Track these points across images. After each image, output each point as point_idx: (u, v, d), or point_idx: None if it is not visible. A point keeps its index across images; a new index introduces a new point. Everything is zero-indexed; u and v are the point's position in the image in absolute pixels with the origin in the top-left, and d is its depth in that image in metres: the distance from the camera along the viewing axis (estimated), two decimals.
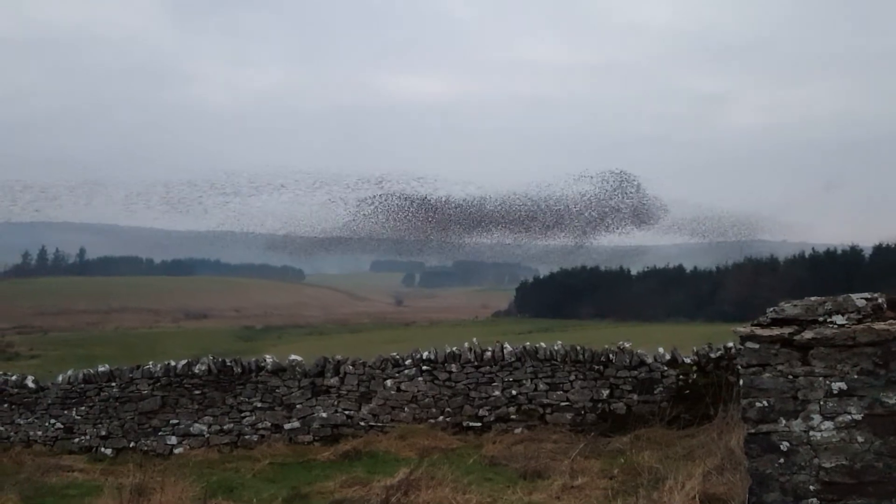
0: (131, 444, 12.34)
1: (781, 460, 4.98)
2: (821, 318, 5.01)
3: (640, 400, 11.68)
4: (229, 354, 14.31)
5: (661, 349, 12.14)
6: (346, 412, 12.26)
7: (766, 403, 5.03)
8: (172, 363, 12.62)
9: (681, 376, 11.67)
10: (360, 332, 76.77)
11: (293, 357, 12.74)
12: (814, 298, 5.13)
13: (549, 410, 11.91)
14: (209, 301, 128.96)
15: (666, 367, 11.77)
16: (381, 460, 10.65)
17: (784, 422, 4.99)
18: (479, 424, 11.96)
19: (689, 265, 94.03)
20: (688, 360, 11.83)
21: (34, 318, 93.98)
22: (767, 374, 5.04)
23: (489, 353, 12.18)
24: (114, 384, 12.54)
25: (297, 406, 12.27)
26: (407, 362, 12.35)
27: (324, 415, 12.24)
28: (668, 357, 11.92)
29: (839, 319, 4.96)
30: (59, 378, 12.94)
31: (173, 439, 12.29)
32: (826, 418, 4.90)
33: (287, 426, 12.22)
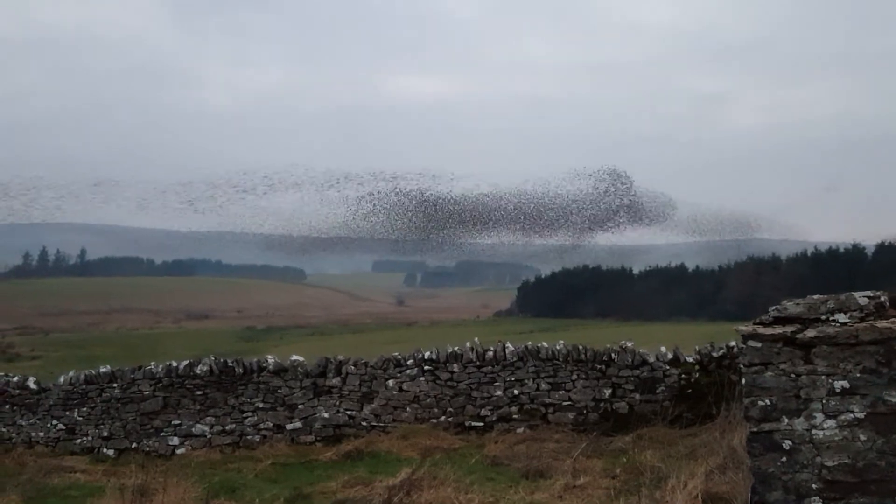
0: (133, 445, 12.34)
1: (784, 459, 4.98)
2: (823, 317, 5.01)
3: (643, 399, 11.67)
4: (231, 355, 14.30)
5: (663, 348, 12.13)
6: (348, 412, 12.26)
7: (768, 402, 5.03)
8: (174, 364, 12.62)
9: (683, 375, 11.66)
10: (362, 333, 76.75)
11: (295, 357, 12.74)
12: (816, 297, 5.13)
13: (551, 410, 11.91)
14: (210, 301, 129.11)
15: (668, 367, 11.76)
16: (383, 460, 10.64)
17: (786, 420, 4.99)
18: (482, 424, 11.96)
19: (690, 264, 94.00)
20: (690, 360, 11.82)
21: (35, 318, 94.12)
22: (770, 373, 5.03)
23: (491, 353, 12.17)
24: (115, 385, 12.55)
25: (299, 406, 12.27)
26: (409, 362, 12.35)
27: (326, 415, 12.24)
28: (670, 356, 11.91)
29: (841, 318, 4.96)
30: (61, 379, 12.95)
31: (175, 440, 12.29)
32: (828, 417, 4.90)
33: (289, 426, 12.22)
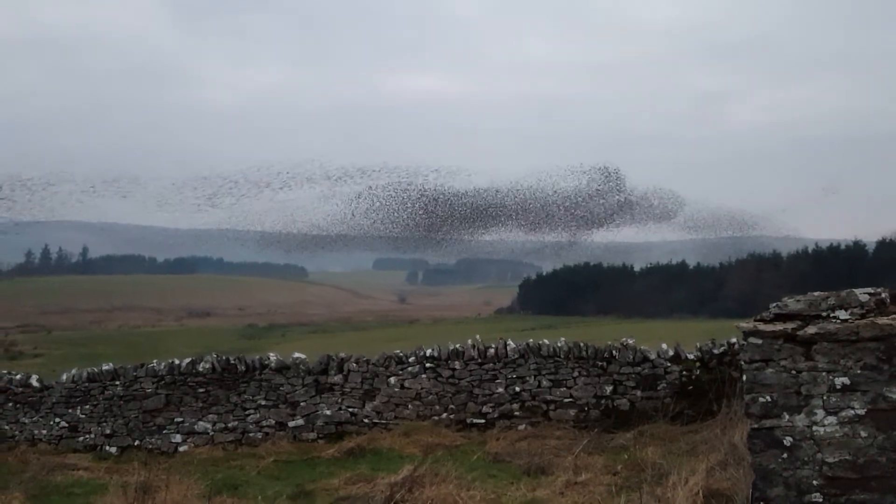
0: (136, 443, 12.36)
1: (785, 455, 4.99)
2: (824, 314, 5.01)
3: (644, 396, 11.68)
4: (233, 352, 14.32)
5: (664, 345, 12.14)
6: (350, 410, 12.28)
7: (769, 399, 5.04)
8: (176, 361, 12.65)
9: (684, 372, 11.67)
10: (364, 330, 76.70)
11: (297, 355, 12.75)
12: (817, 294, 5.13)
13: (552, 407, 11.92)
14: (212, 299, 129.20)
15: (669, 364, 11.77)
16: (384, 457, 10.66)
17: (787, 417, 5.00)
18: (483, 421, 11.98)
19: (692, 261, 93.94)
20: (691, 356, 11.83)
21: (37, 316, 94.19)
22: (770, 370, 5.04)
23: (492, 351, 12.19)
24: (118, 383, 12.57)
25: (302, 404, 12.30)
26: (410, 360, 12.36)
27: (328, 412, 12.26)
28: (671, 353, 11.93)
29: (842, 314, 4.96)
30: (64, 377, 12.97)
31: (178, 437, 12.31)
32: (829, 413, 4.91)
33: (291, 424, 12.25)
